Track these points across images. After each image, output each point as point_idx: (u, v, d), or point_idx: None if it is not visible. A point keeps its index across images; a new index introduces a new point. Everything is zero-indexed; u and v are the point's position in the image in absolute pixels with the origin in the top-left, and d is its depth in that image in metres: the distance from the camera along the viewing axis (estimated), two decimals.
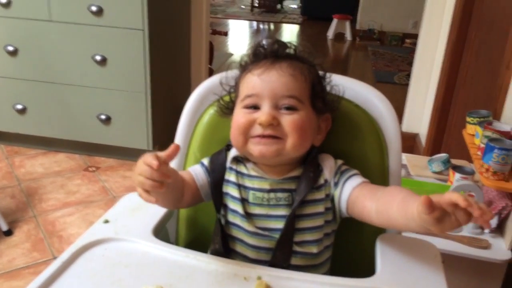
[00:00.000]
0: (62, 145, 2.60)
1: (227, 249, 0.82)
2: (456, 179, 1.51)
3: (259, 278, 0.71)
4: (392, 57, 5.41)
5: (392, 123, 0.89)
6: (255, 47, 0.83)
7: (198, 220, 0.94)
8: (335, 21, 6.35)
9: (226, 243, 0.82)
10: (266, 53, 0.82)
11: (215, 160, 0.86)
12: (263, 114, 0.76)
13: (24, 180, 2.31)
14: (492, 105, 1.60)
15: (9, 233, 1.89)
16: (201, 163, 0.86)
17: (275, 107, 0.77)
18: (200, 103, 0.95)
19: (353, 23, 6.44)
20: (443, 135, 2.46)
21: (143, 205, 0.72)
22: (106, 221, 0.83)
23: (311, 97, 0.80)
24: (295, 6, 8.88)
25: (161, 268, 0.73)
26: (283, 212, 0.80)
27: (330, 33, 6.39)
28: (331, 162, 0.83)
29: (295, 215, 0.79)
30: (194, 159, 0.94)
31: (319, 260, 0.82)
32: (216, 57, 3.71)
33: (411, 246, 0.81)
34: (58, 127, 2.50)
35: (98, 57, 2.28)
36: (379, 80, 4.42)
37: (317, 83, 0.82)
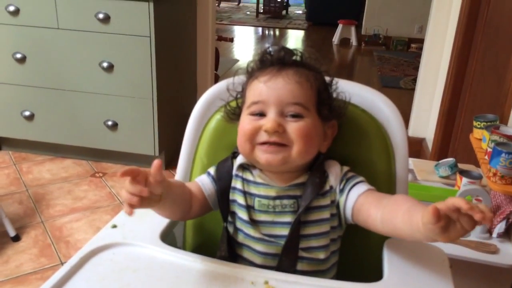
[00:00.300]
0: (69, 151, 2.61)
1: (233, 255, 0.82)
2: (463, 183, 1.50)
3: (266, 283, 0.71)
4: (397, 62, 5.40)
5: (398, 127, 0.89)
6: (262, 54, 0.84)
7: (205, 226, 0.94)
8: (340, 26, 6.36)
9: (232, 250, 0.83)
10: (272, 60, 0.82)
11: (221, 168, 0.86)
12: (268, 121, 0.76)
13: (31, 186, 2.33)
14: (499, 109, 1.60)
15: (16, 238, 1.90)
16: (207, 172, 0.87)
17: (281, 114, 0.77)
18: (207, 108, 0.95)
19: (358, 28, 6.44)
20: (449, 139, 2.46)
21: (150, 210, 0.73)
22: (114, 226, 0.83)
23: (317, 104, 0.80)
24: (300, 12, 8.92)
25: (168, 273, 0.73)
26: (288, 218, 0.80)
27: (336, 39, 6.40)
28: (337, 168, 0.83)
29: (300, 221, 0.79)
30: (201, 164, 0.95)
31: (325, 265, 0.82)
32: (221, 63, 3.72)
33: (418, 251, 0.80)
34: (65, 133, 2.51)
35: (105, 64, 2.30)
36: (385, 85, 4.42)
37: (323, 90, 0.82)
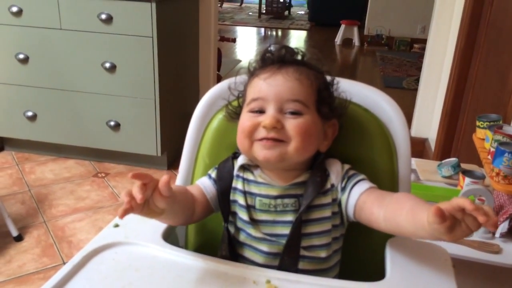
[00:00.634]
0: (72, 152, 2.62)
1: (235, 255, 0.82)
2: (466, 183, 1.50)
3: (268, 282, 0.71)
4: (400, 62, 5.40)
5: (401, 127, 0.89)
6: (263, 53, 0.84)
7: (207, 225, 0.94)
8: (343, 27, 6.36)
9: (233, 250, 0.83)
10: (273, 59, 0.82)
11: (222, 169, 0.86)
12: (267, 118, 0.76)
13: (34, 186, 2.33)
14: (501, 109, 1.59)
15: (19, 238, 1.90)
16: (208, 175, 0.87)
17: (280, 111, 0.77)
18: (209, 108, 0.95)
19: (361, 28, 6.44)
20: (452, 139, 2.45)
21: None
22: (116, 225, 0.83)
23: (317, 103, 0.80)
24: (302, 13, 8.92)
25: (170, 272, 0.73)
26: (290, 217, 0.80)
27: (338, 39, 6.40)
28: (338, 166, 0.83)
29: (301, 220, 0.79)
30: (203, 164, 0.95)
31: (328, 264, 0.82)
32: (224, 63, 3.73)
33: (421, 250, 0.80)
34: (68, 134, 2.52)
35: (107, 64, 2.30)
36: (387, 85, 4.42)
37: (323, 89, 0.82)
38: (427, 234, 0.65)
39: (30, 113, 2.48)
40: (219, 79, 3.14)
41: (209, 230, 0.94)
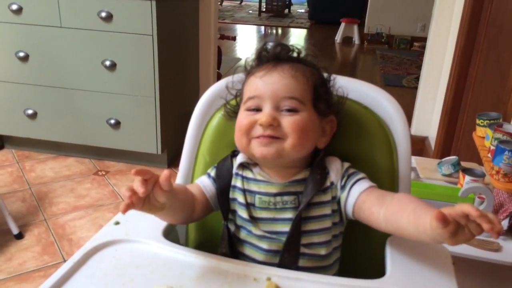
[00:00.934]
0: (72, 150, 2.62)
1: (235, 252, 0.83)
2: (466, 181, 1.50)
3: (269, 279, 0.71)
4: (400, 61, 5.40)
5: (401, 125, 0.89)
6: (259, 51, 0.84)
7: (207, 222, 0.94)
8: (343, 25, 6.35)
9: (233, 247, 0.83)
10: (269, 56, 0.83)
11: (221, 167, 0.86)
12: (263, 115, 0.76)
13: (34, 184, 2.33)
14: (501, 107, 1.59)
15: (19, 236, 1.91)
16: (207, 174, 0.87)
17: (276, 109, 0.77)
18: (209, 106, 0.96)
19: (361, 27, 6.43)
20: (452, 138, 2.45)
21: None
22: (117, 223, 0.84)
23: (313, 99, 0.80)
24: (302, 11, 8.91)
25: (171, 269, 0.73)
26: (289, 215, 0.80)
27: (338, 37, 6.39)
28: (337, 164, 0.83)
29: (301, 217, 0.79)
30: (203, 162, 0.95)
31: (327, 261, 0.82)
32: (224, 61, 3.72)
33: (421, 248, 0.80)
34: (68, 132, 2.52)
35: (107, 62, 2.30)
36: (387, 83, 4.41)
37: (319, 85, 0.82)
38: (428, 238, 0.65)
39: (30, 111, 2.48)
40: (219, 77, 3.14)
41: (209, 228, 0.94)
